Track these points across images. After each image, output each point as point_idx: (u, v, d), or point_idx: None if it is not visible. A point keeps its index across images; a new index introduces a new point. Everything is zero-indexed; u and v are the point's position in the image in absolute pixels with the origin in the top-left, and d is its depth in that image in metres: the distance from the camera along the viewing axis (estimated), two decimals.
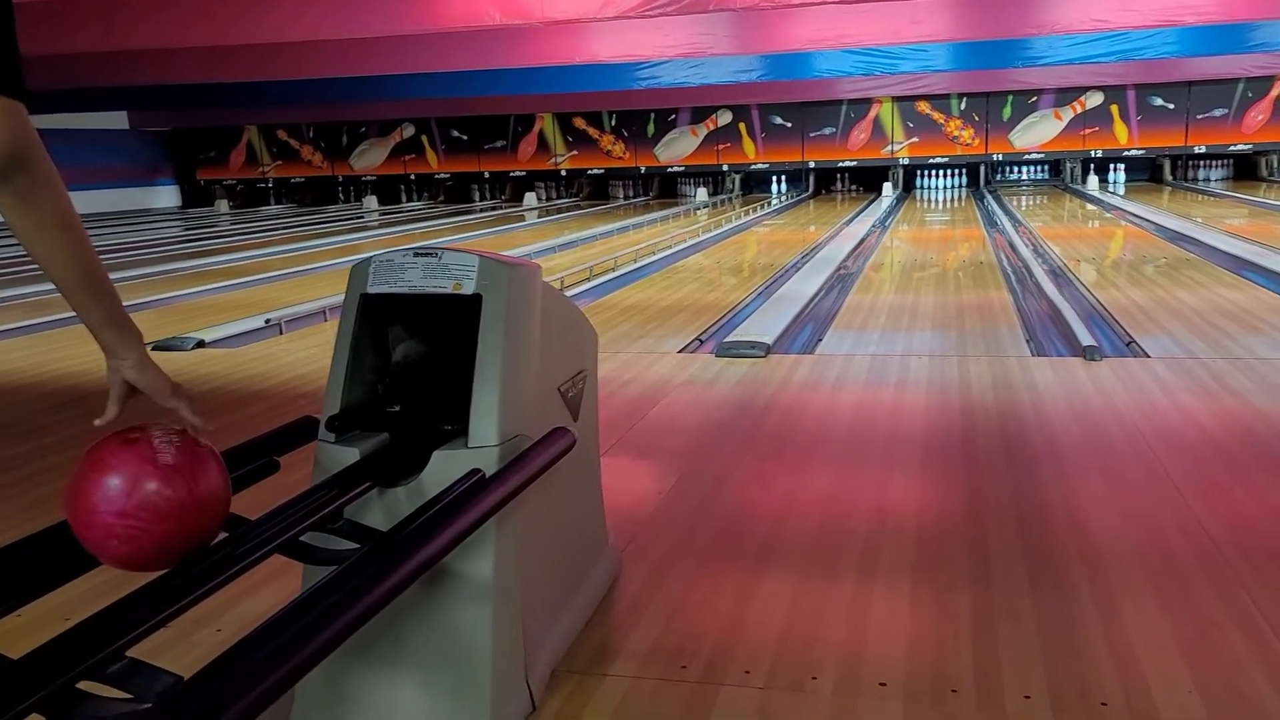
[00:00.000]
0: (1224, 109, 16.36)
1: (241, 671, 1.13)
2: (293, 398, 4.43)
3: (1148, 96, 16.57)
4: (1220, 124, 16.46)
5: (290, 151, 20.23)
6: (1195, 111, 16.47)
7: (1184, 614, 2.14)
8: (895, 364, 4.72)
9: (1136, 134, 16.80)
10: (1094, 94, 16.71)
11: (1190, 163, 17.41)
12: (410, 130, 19.53)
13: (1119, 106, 16.74)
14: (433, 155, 19.64)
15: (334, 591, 1.33)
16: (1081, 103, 16.84)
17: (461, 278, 1.81)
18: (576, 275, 8.16)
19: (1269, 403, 3.73)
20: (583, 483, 2.20)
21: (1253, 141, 16.44)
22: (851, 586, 2.36)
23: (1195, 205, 13.50)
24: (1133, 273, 7.64)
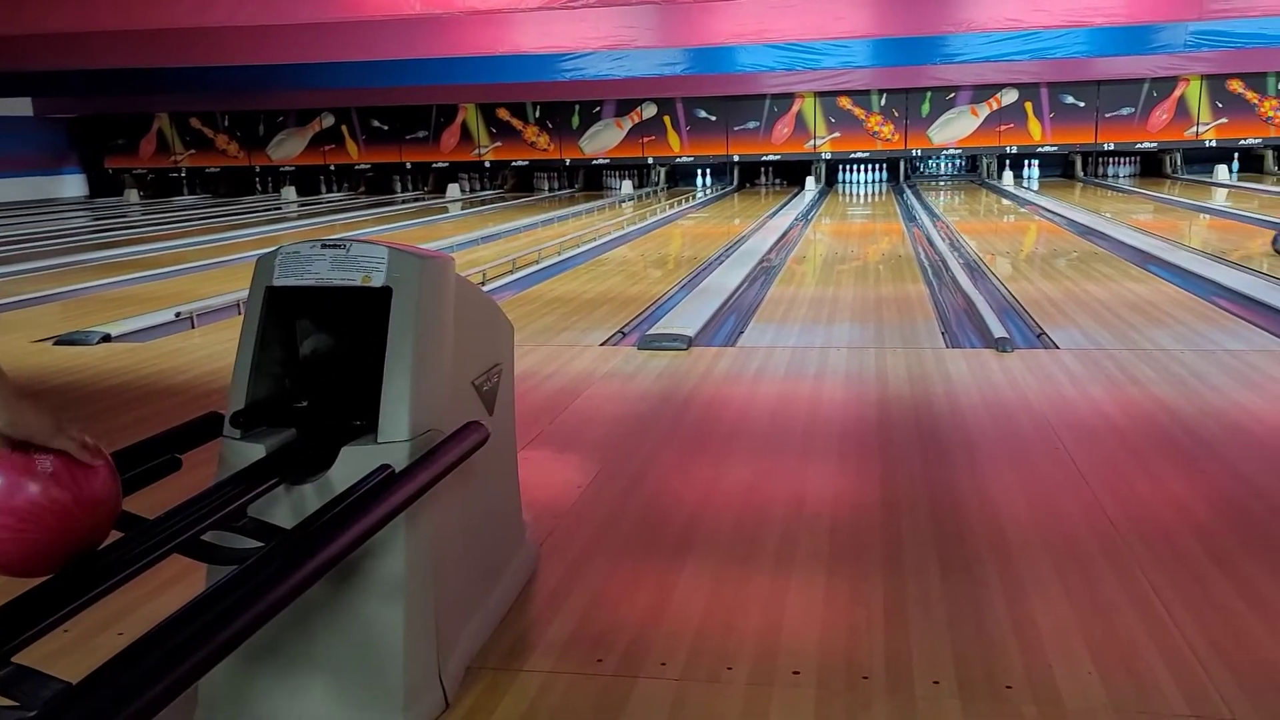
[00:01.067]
0: (1131, 108, 16.92)
1: (133, 676, 1.09)
2: (204, 393, 4.31)
3: (1060, 94, 17.05)
4: (1128, 122, 17.01)
5: (204, 140, 19.68)
6: (1104, 110, 16.99)
7: (1085, 597, 2.20)
8: (815, 356, 4.78)
9: (1049, 131, 17.27)
10: (1009, 91, 17.13)
11: (1100, 159, 17.97)
12: (330, 120, 19.15)
13: (1033, 104, 17.19)
14: (353, 145, 19.29)
15: (233, 591, 1.29)
16: (997, 100, 17.24)
17: (371, 270, 1.78)
18: (500, 268, 8.10)
19: (1170, 392, 3.87)
20: (498, 477, 2.19)
21: (1158, 140, 17.03)
22: (768, 576, 2.38)
23: (1105, 201, 13.93)
24: (1044, 266, 7.85)
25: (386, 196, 18.91)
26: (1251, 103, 16.60)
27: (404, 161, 19.24)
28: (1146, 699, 1.80)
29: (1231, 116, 16.69)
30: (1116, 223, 10.66)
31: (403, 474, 1.63)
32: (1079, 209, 12.40)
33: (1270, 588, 2.23)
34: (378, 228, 12.83)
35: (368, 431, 1.76)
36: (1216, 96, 16.65)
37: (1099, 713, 1.76)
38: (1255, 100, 16.58)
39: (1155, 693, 1.81)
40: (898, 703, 1.81)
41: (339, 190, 20.06)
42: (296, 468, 1.72)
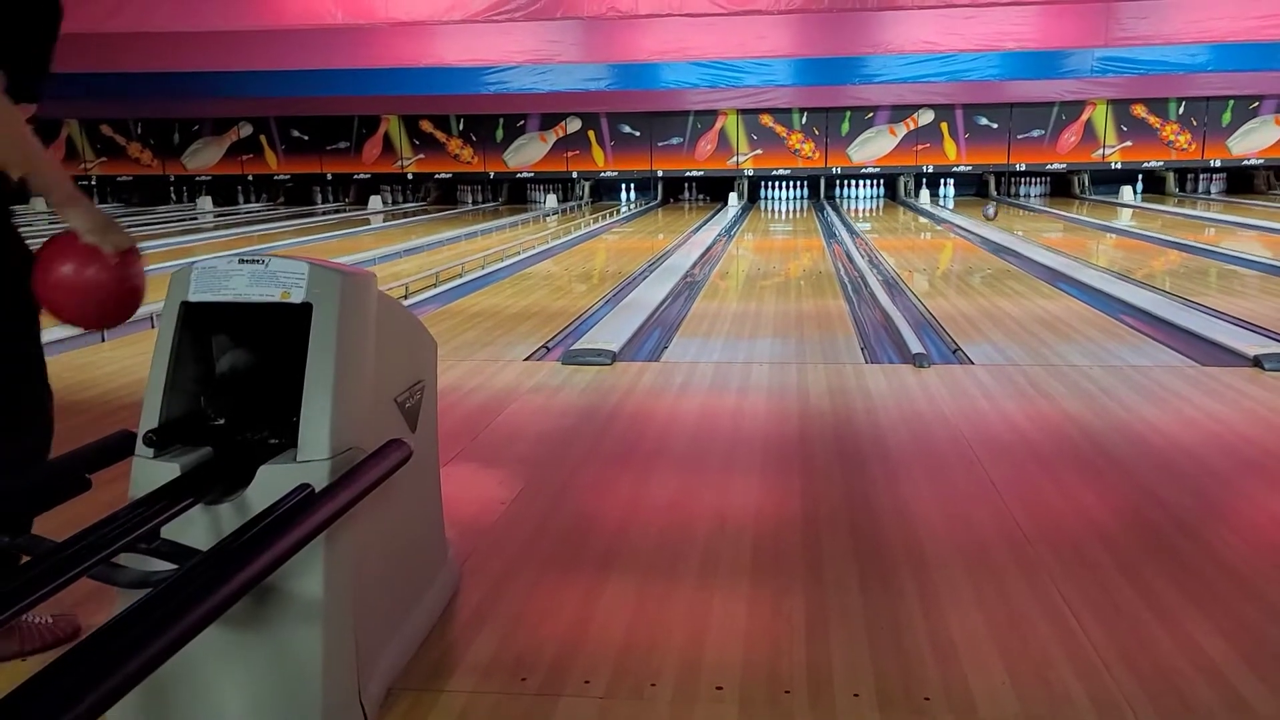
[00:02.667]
0: (1041, 130, 17.50)
1: (39, 706, 1.05)
2: (115, 409, 4.18)
3: (974, 116, 17.55)
4: (1038, 144, 17.59)
5: (116, 148, 19.12)
6: (1016, 131, 17.55)
7: (999, 608, 2.26)
8: (738, 371, 4.83)
9: (964, 151, 17.77)
10: (925, 112, 17.58)
11: (1012, 179, 18.54)
12: (248, 129, 18.77)
13: (948, 124, 17.67)
14: (272, 155, 18.93)
15: (146, 616, 1.26)
16: (914, 120, 17.68)
17: (290, 286, 1.75)
18: (423, 281, 8.01)
19: (1079, 407, 4.00)
20: (421, 495, 2.16)
21: (1066, 161, 17.65)
22: (691, 592, 2.39)
23: (1017, 220, 14.36)
24: (960, 283, 8.06)
25: (307, 208, 18.58)
26: (1154, 127, 17.31)
27: (325, 172, 18.95)
28: (1058, 708, 1.85)
29: (1135, 140, 17.38)
30: (1028, 241, 11.00)
31: (323, 493, 1.61)
32: (992, 227, 12.76)
33: (1172, 595, 2.31)
34: (297, 239, 12.60)
35: (286, 450, 1.72)
36: (1121, 120, 17.33)
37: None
38: (1157, 125, 17.30)
39: (1066, 702, 1.87)
40: (819, 716, 1.84)
41: (257, 201, 19.65)
42: (213, 487, 1.68)
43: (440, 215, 16.70)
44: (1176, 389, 4.24)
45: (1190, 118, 17.17)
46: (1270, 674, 1.96)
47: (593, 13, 8.06)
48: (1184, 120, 17.21)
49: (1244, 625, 2.17)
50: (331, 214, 17.34)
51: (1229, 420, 3.77)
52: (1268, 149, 17.16)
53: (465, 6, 8.65)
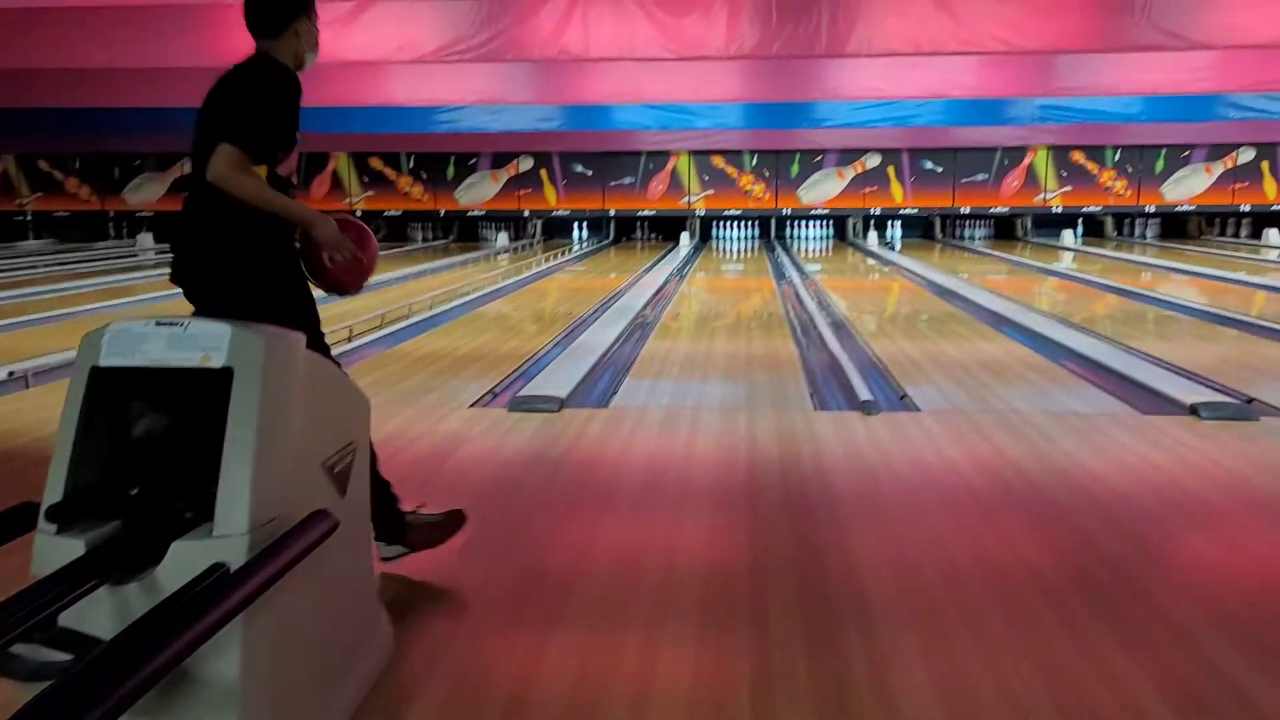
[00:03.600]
0: (985, 174, 17.86)
1: None
2: (38, 461, 4.00)
3: (920, 160, 17.87)
4: (982, 187, 17.94)
5: (53, 183, 18.73)
6: (960, 175, 17.89)
7: (945, 668, 2.23)
8: (687, 416, 4.79)
9: (910, 194, 18.06)
10: (873, 155, 17.86)
11: (957, 222, 18.87)
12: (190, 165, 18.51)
13: (895, 168, 17.96)
14: None
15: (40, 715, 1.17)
16: (862, 163, 17.96)
17: (211, 349, 1.68)
18: (368, 323, 7.90)
19: (1022, 454, 4.01)
20: (351, 563, 2.08)
21: (1010, 205, 18.01)
22: (638, 652, 2.33)
23: (962, 262, 14.59)
24: (906, 325, 8.13)
25: None
26: (1092, 173, 17.75)
27: None
28: None
29: (1075, 185, 17.80)
30: (972, 284, 11.16)
31: (239, 573, 1.53)
32: (938, 270, 12.94)
33: (1113, 653, 2.30)
34: None
35: (203, 524, 1.64)
36: (1061, 166, 17.75)
37: None
38: (1095, 170, 17.74)
39: None
40: None
41: None
42: (120, 566, 1.59)
43: (390, 253, 16.55)
44: (1117, 437, 4.28)
45: (1126, 164, 17.64)
46: None
47: (544, 55, 8.08)
48: (1120, 167, 17.67)
49: (1182, 683, 2.16)
50: None
51: (1168, 469, 3.81)
52: (1199, 196, 17.67)
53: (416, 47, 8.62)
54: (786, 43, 8.35)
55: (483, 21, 8.43)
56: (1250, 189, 17.49)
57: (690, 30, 8.38)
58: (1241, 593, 2.68)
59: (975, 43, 8.14)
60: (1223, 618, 2.50)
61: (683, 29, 8.34)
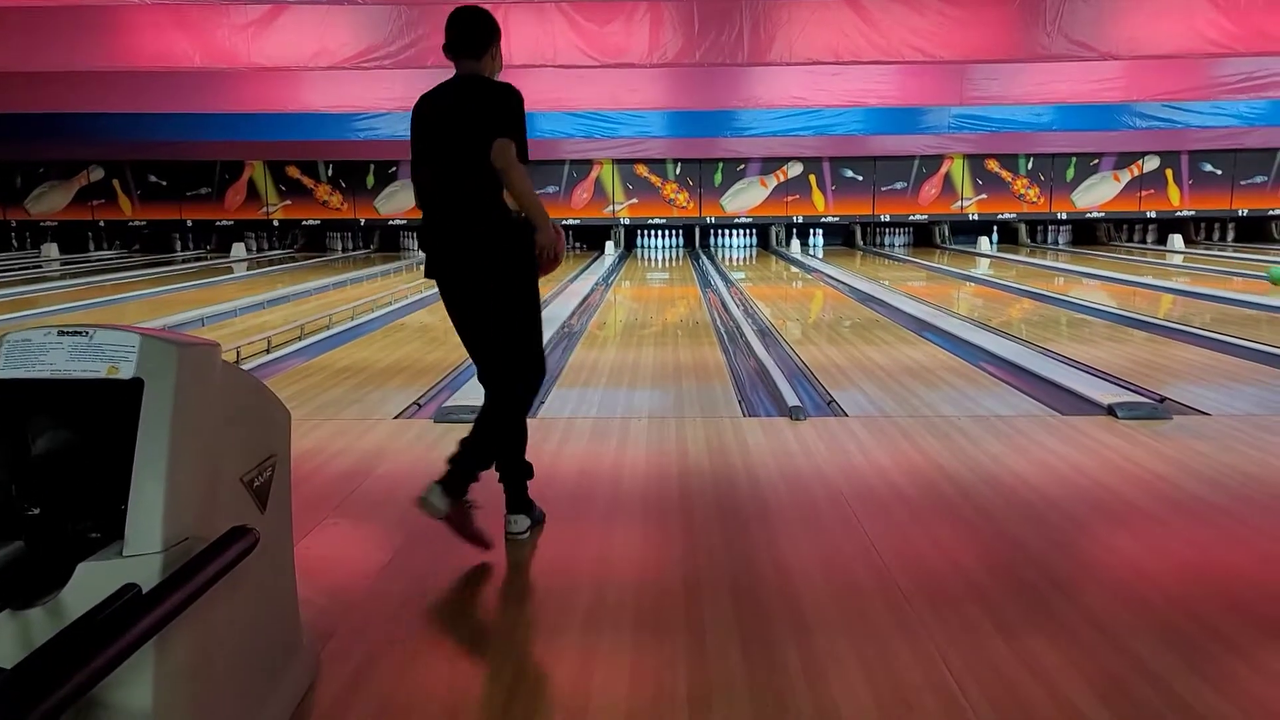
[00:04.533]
0: (904, 182, 18.22)
1: None
2: None
3: (840, 169, 18.15)
4: (901, 195, 18.29)
5: None
6: (880, 184, 18.22)
7: (883, 678, 2.22)
8: (616, 426, 4.75)
9: (832, 202, 18.32)
10: (795, 164, 18.09)
11: (877, 230, 19.21)
12: (99, 173, 17.89)
13: (816, 176, 18.21)
14: (126, 201, 18.08)
15: None
16: (784, 172, 18.17)
17: (119, 360, 1.58)
18: (287, 334, 7.70)
19: (948, 458, 4.06)
20: (271, 581, 1.99)
21: (928, 212, 18.40)
22: (572, 668, 2.28)
23: (883, 269, 14.84)
24: (831, 332, 8.21)
25: (165, 255, 17.79)
26: (1006, 181, 18.23)
27: (184, 219, 18.19)
28: None
29: (990, 193, 18.26)
30: (893, 290, 11.34)
31: (151, 594, 1.44)
32: (860, 276, 13.14)
33: (1048, 654, 2.32)
34: (154, 289, 12.00)
35: (112, 544, 1.54)
36: (977, 174, 18.20)
37: None
38: (1009, 179, 18.23)
39: None
40: None
41: (110, 248, 18.71)
42: (22, 590, 1.49)
43: (308, 263, 16.22)
44: (1039, 439, 4.36)
45: (1038, 173, 18.16)
46: None
47: None
48: (1033, 175, 18.18)
49: (1113, 680, 2.19)
50: (191, 262, 16.65)
51: (1089, 469, 3.89)
52: (1107, 203, 18.28)
53: (332, 54, 8.46)
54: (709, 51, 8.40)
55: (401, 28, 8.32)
56: (1156, 196, 18.16)
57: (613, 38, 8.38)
58: (1164, 589, 2.73)
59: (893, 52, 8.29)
60: (1148, 614, 2.54)
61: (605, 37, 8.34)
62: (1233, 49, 8.23)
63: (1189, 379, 5.83)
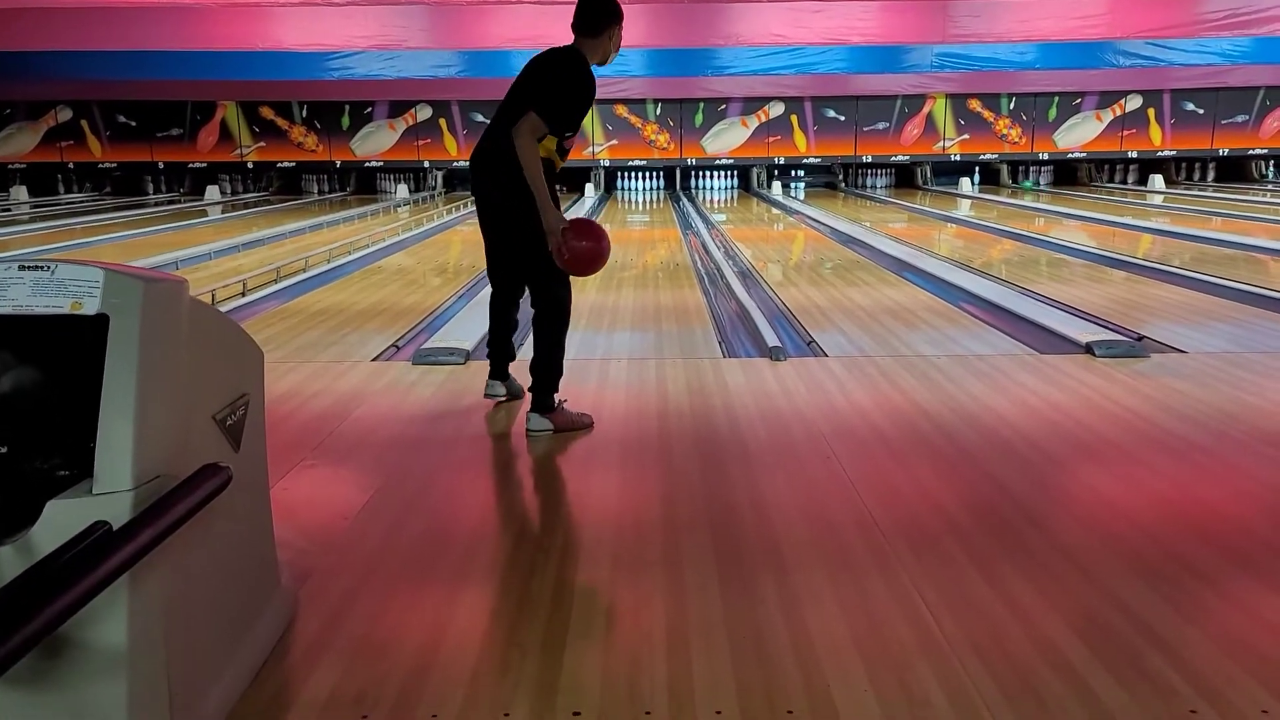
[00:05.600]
0: (886, 123, 18.08)
1: None
2: None
3: (822, 109, 17.98)
4: (883, 136, 18.17)
5: None
6: (862, 124, 18.08)
7: (859, 610, 2.24)
8: (596, 368, 4.73)
9: (814, 143, 18.18)
10: (776, 104, 17.91)
11: (859, 171, 19.11)
12: (67, 114, 17.52)
13: (798, 117, 18.05)
14: (96, 143, 17.73)
15: None
16: (765, 112, 17.98)
17: (82, 296, 1.55)
18: (263, 277, 7.61)
19: (928, 397, 4.07)
20: (246, 520, 1.97)
21: (910, 153, 18.30)
22: (548, 608, 2.28)
23: (864, 210, 14.79)
24: (811, 274, 8.20)
25: (137, 198, 17.52)
26: (988, 121, 18.13)
27: (156, 161, 17.88)
28: (918, 712, 1.83)
29: (972, 133, 18.17)
30: (874, 231, 11.31)
31: (122, 531, 1.42)
32: (841, 218, 13.09)
33: (1023, 587, 2.34)
34: (126, 232, 11.83)
35: (82, 481, 1.52)
36: (959, 114, 18.08)
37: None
38: (991, 119, 18.13)
39: (925, 705, 1.85)
40: None
41: (80, 191, 18.39)
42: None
43: (283, 206, 16.01)
44: (1018, 377, 4.38)
45: (1020, 113, 18.06)
46: (1115, 664, 1.99)
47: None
48: (1015, 115, 18.08)
49: (1088, 615, 2.21)
50: (164, 205, 16.40)
51: (1067, 407, 3.91)
52: (1089, 143, 18.23)
53: None
54: None
55: None
56: (1138, 136, 18.12)
57: None
58: (1138, 524, 2.76)
59: None
60: (1122, 548, 2.57)
61: None
62: None
63: (1167, 318, 5.86)
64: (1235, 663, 1.99)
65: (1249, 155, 18.40)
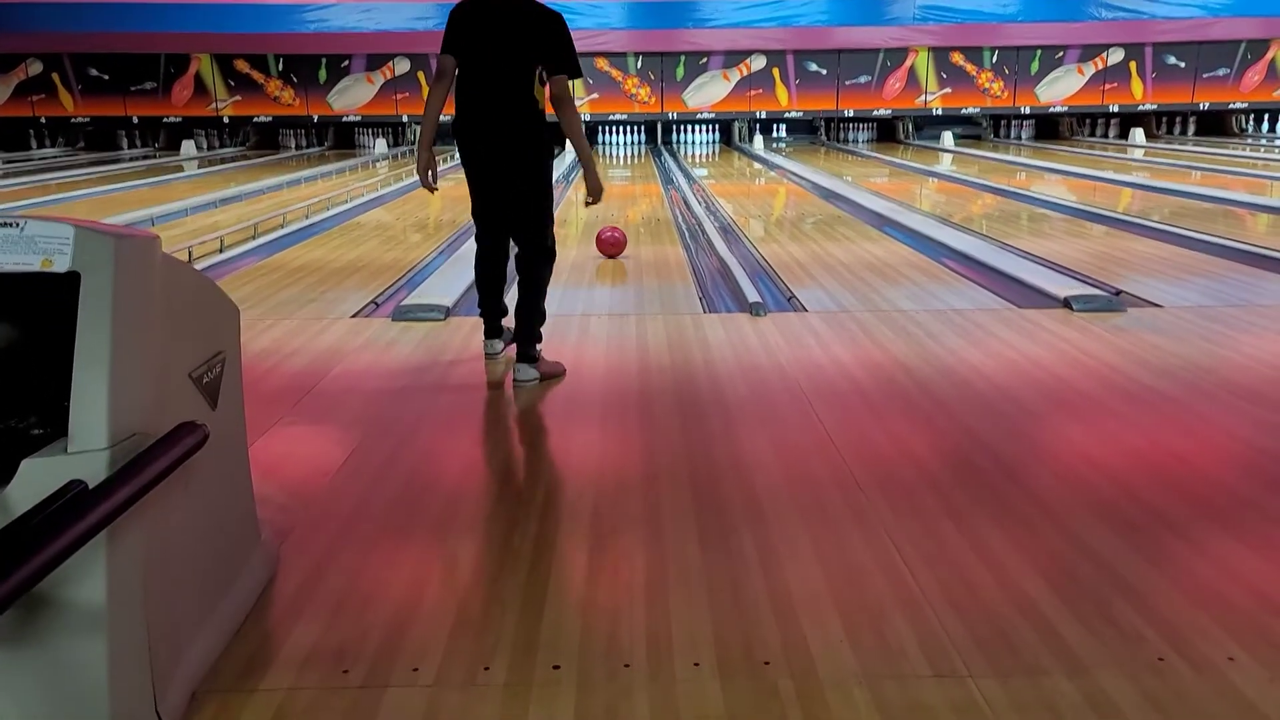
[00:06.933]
0: (868, 76, 17.96)
1: None
2: None
3: (804, 62, 17.84)
4: (865, 90, 18.06)
5: None
6: (844, 78, 17.95)
7: (836, 561, 2.27)
8: (576, 324, 4.73)
9: (795, 97, 18.06)
10: (758, 58, 17.74)
11: (841, 125, 19.01)
12: (37, 66, 17.16)
13: (780, 70, 17.90)
14: (68, 96, 17.40)
15: None
16: (747, 65, 17.83)
17: (53, 253, 1.53)
18: (240, 234, 7.53)
19: (907, 352, 4.10)
20: (225, 478, 1.98)
21: (892, 107, 18.21)
22: (528, 562, 2.30)
23: (846, 165, 14.73)
24: (793, 229, 8.18)
25: (111, 154, 17.25)
26: (971, 74, 18.03)
27: (130, 115, 17.58)
28: (893, 662, 1.86)
29: (955, 87, 18.08)
30: (856, 186, 11.28)
31: (98, 490, 1.42)
32: (823, 173, 13.04)
33: (997, 539, 2.38)
34: (101, 188, 11.66)
35: (57, 440, 1.52)
36: (941, 68, 17.97)
37: (850, 681, 1.80)
38: (974, 72, 18.03)
39: (901, 656, 1.88)
40: (659, 689, 1.78)
41: (53, 146, 18.09)
42: None
43: (260, 161, 15.81)
44: (996, 331, 4.40)
45: (1003, 66, 17.97)
46: (1085, 613, 2.03)
47: None
48: (997, 69, 18.00)
49: (1061, 565, 2.25)
50: (139, 160, 16.16)
51: (1043, 361, 3.94)
52: (1071, 97, 18.18)
53: None
54: None
55: None
56: (1119, 90, 18.08)
57: None
58: (1110, 474, 2.80)
59: None
60: (1094, 498, 2.61)
61: None
62: None
63: (1145, 272, 5.89)
64: (1203, 611, 2.03)
65: (1229, 109, 18.40)
